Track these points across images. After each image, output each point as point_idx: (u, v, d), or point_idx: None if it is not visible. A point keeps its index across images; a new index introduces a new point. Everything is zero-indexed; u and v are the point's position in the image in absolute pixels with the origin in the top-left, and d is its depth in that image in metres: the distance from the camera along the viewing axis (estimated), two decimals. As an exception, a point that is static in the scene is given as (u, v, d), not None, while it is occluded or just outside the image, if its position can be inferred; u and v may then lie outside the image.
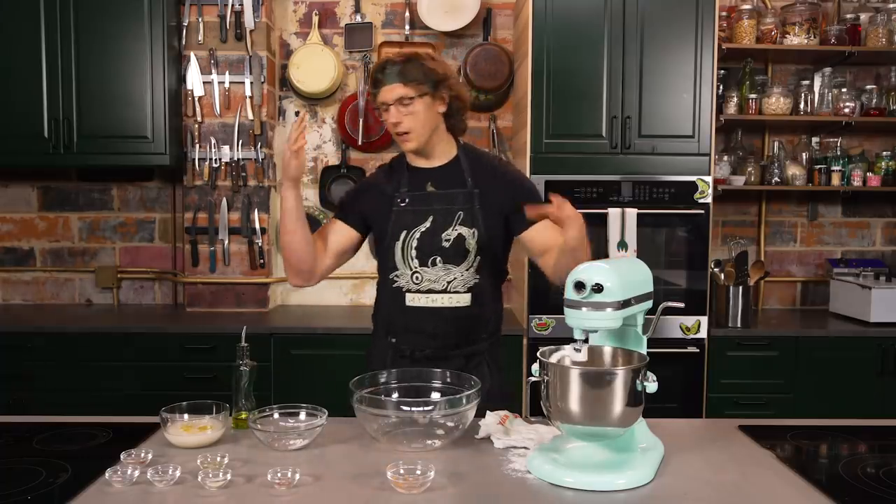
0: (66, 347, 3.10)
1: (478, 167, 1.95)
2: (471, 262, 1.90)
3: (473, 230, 1.89)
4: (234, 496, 1.31)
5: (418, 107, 1.85)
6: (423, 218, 1.90)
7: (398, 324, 1.95)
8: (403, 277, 1.91)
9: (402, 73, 1.83)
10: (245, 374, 1.67)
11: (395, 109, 1.84)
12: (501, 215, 1.92)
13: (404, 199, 1.93)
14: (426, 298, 1.90)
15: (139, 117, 3.28)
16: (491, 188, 1.92)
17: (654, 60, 3.11)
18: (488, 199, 1.91)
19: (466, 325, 1.93)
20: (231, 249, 3.50)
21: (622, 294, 1.37)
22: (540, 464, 1.40)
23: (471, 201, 1.90)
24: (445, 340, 1.91)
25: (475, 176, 1.93)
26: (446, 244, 1.88)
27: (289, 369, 3.10)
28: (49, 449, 1.54)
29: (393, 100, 1.84)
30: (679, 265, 3.20)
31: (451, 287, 1.89)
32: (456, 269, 1.89)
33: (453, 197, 1.91)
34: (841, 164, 3.51)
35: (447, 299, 1.90)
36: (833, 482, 1.39)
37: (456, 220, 1.89)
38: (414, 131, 1.87)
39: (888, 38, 3.38)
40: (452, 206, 1.90)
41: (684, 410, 3.12)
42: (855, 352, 3.18)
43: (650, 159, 3.15)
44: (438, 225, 1.89)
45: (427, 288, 1.90)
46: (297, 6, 3.68)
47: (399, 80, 1.83)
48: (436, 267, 1.89)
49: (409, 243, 1.90)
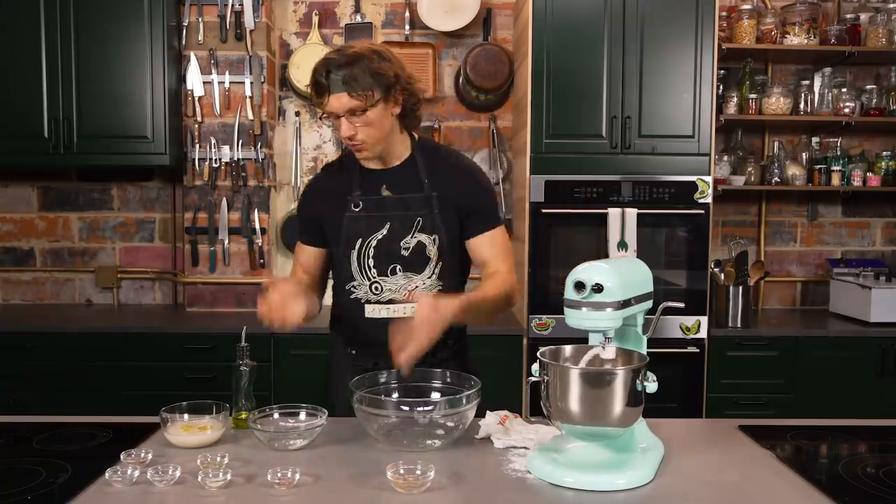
0: (66, 347, 3.10)
1: (434, 165, 1.82)
2: (432, 269, 1.79)
3: (434, 237, 1.78)
4: (234, 496, 1.31)
5: (371, 116, 1.67)
6: (379, 225, 1.78)
7: (358, 336, 1.85)
8: (361, 288, 1.80)
9: (347, 81, 1.63)
10: (245, 374, 1.66)
11: (346, 122, 1.68)
12: (459, 215, 1.81)
13: (357, 203, 1.79)
14: (387, 309, 1.78)
15: (139, 117, 3.28)
16: (448, 188, 1.80)
17: (654, 60, 3.11)
18: (446, 200, 1.79)
19: None
20: (231, 249, 3.50)
21: (622, 294, 1.37)
22: (540, 464, 1.40)
23: (429, 205, 1.78)
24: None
25: (432, 176, 1.80)
26: (405, 252, 1.77)
27: (289, 369, 3.10)
28: (49, 449, 1.54)
29: (342, 112, 1.67)
30: (679, 265, 3.20)
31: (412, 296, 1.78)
32: (417, 278, 1.79)
33: (410, 202, 1.78)
34: (841, 164, 3.51)
35: (409, 308, 1.75)
36: (833, 482, 1.39)
37: (415, 227, 1.78)
38: (368, 141, 1.71)
39: (888, 38, 3.38)
40: (410, 212, 1.78)
41: (684, 410, 3.12)
42: (855, 352, 3.18)
43: (650, 159, 3.15)
44: (396, 232, 1.78)
45: (388, 298, 1.79)
46: (297, 6, 3.68)
47: (345, 90, 1.64)
48: (396, 276, 1.78)
49: (365, 252, 1.78)
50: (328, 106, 1.68)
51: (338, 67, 1.65)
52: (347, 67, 1.64)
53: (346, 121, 1.68)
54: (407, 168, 1.83)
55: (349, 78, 1.64)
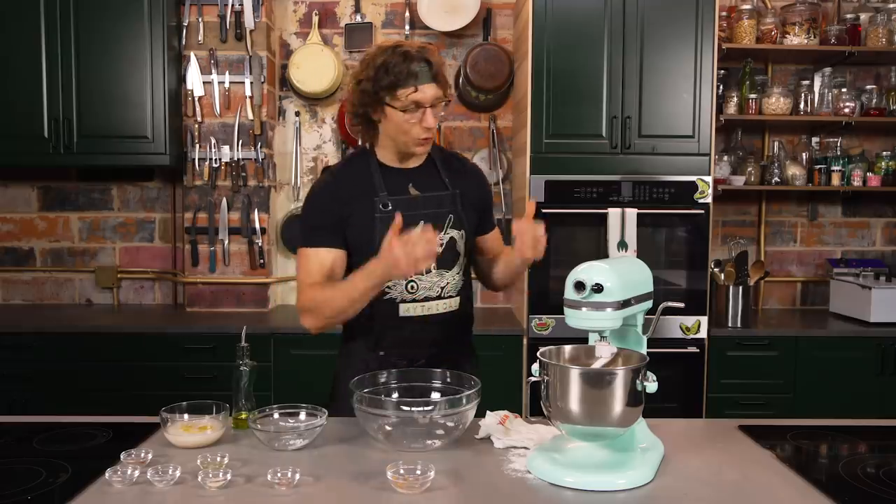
0: (66, 347, 3.10)
1: (449, 166, 1.90)
2: (461, 266, 1.86)
3: (462, 232, 1.85)
4: (234, 496, 1.31)
5: (442, 109, 1.76)
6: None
7: (390, 337, 1.84)
8: (396, 288, 1.80)
9: (436, 74, 1.71)
10: (245, 374, 1.67)
11: (432, 112, 1.72)
12: (477, 213, 1.91)
13: (386, 203, 1.78)
14: (422, 307, 1.82)
15: (139, 117, 3.28)
16: (466, 187, 1.89)
17: (654, 60, 3.11)
18: (466, 199, 1.88)
19: (458, 326, 1.90)
20: (231, 249, 3.50)
21: (622, 294, 1.37)
22: (540, 464, 1.40)
23: (455, 203, 1.84)
24: (439, 348, 1.85)
25: (450, 176, 1.88)
26: (439, 249, 1.75)
27: (289, 369, 3.10)
28: (49, 449, 1.54)
29: (430, 102, 1.71)
30: (679, 265, 3.20)
31: (444, 292, 1.84)
32: (448, 274, 1.84)
33: (441, 200, 1.83)
34: (841, 164, 3.51)
35: (442, 305, 1.84)
36: (833, 482, 1.39)
37: (447, 224, 1.82)
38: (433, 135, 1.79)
39: (888, 38, 3.38)
40: (441, 210, 1.82)
41: (684, 410, 3.12)
42: (855, 352, 3.18)
43: (650, 159, 3.15)
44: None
45: (423, 296, 1.82)
46: (297, 6, 3.68)
47: (434, 81, 1.71)
48: (430, 273, 1.81)
49: None
50: (416, 96, 1.69)
51: (422, 61, 1.70)
52: (434, 60, 1.72)
53: (431, 111, 1.72)
54: (428, 168, 1.88)
55: (438, 70, 1.72)
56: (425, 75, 1.70)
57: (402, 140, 1.77)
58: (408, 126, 1.73)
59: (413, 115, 1.72)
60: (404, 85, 1.69)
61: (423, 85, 1.69)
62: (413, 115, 1.72)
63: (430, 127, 1.73)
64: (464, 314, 1.91)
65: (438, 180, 1.86)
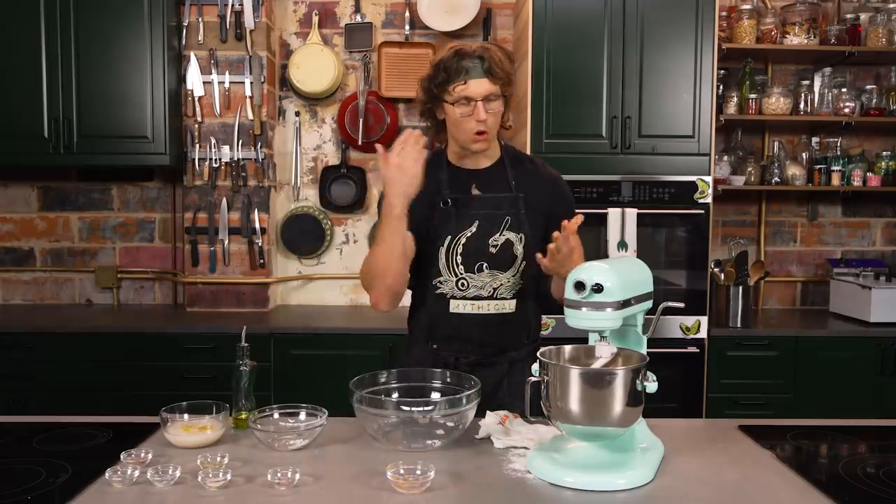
0: (66, 347, 3.10)
1: (520, 169, 1.89)
2: (517, 268, 1.84)
3: (520, 235, 1.84)
4: (234, 496, 1.31)
5: (499, 105, 1.77)
6: (468, 222, 1.82)
7: (441, 331, 1.87)
8: (448, 284, 1.83)
9: (489, 68, 1.73)
10: (245, 374, 1.67)
11: (483, 106, 1.74)
12: (544, 219, 1.86)
13: (447, 200, 1.83)
14: (472, 305, 1.83)
15: (139, 117, 3.28)
16: (533, 192, 1.86)
17: (654, 60, 3.11)
18: (531, 203, 1.86)
19: (511, 331, 1.88)
20: (231, 249, 3.50)
21: (622, 294, 1.37)
22: (540, 464, 1.40)
23: (516, 206, 1.84)
24: (491, 348, 1.86)
25: (518, 179, 1.86)
26: (493, 250, 1.81)
27: (289, 369, 3.10)
28: (49, 449, 1.54)
29: (481, 97, 1.74)
30: (679, 265, 3.20)
31: (497, 293, 1.83)
32: (502, 276, 1.83)
33: (500, 201, 1.84)
34: (841, 164, 3.51)
35: (493, 306, 1.84)
36: (833, 482, 1.39)
37: (504, 226, 1.83)
38: (491, 131, 1.79)
39: (888, 38, 3.38)
40: (499, 211, 1.83)
41: (684, 410, 3.12)
42: (855, 352, 3.18)
43: (650, 159, 3.15)
44: (485, 230, 1.82)
45: (473, 294, 1.83)
46: (297, 6, 3.68)
47: (486, 76, 1.73)
48: (482, 273, 1.82)
49: (454, 249, 1.82)
50: (466, 90, 1.74)
51: (475, 56, 1.74)
52: (489, 56, 1.74)
53: (482, 105, 1.74)
54: (496, 170, 1.88)
55: (491, 64, 1.74)
56: (476, 70, 1.73)
57: (459, 136, 1.81)
58: (461, 121, 1.77)
59: (465, 108, 1.75)
60: (455, 80, 1.74)
61: (473, 80, 1.73)
62: (465, 109, 1.75)
63: (482, 120, 1.75)
64: (521, 318, 1.88)
65: (504, 182, 1.87)
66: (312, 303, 3.73)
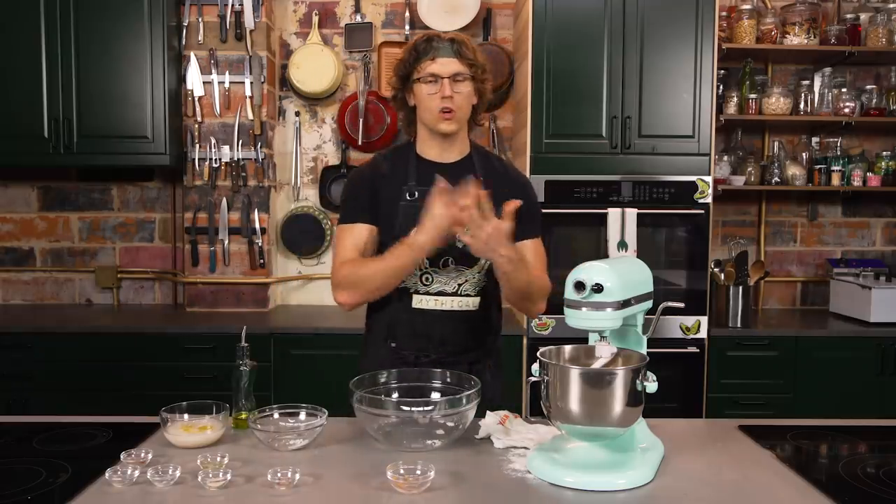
0: (66, 347, 3.10)
1: (488, 168, 1.88)
2: (483, 265, 1.82)
3: None
4: (234, 496, 1.31)
5: (466, 88, 1.79)
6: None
7: (401, 327, 1.85)
8: (411, 278, 1.80)
9: (458, 50, 1.77)
10: (245, 374, 1.67)
11: (449, 83, 1.76)
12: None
13: (413, 192, 1.80)
14: (435, 301, 1.81)
15: (139, 117, 3.28)
16: (501, 190, 1.82)
17: (654, 60, 3.11)
18: (499, 202, 1.80)
19: (474, 328, 1.86)
20: (231, 249, 3.50)
21: (622, 294, 1.37)
22: (540, 464, 1.40)
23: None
24: (453, 346, 1.84)
25: (486, 176, 1.84)
26: (460, 244, 1.76)
27: (289, 369, 3.10)
28: (49, 449, 1.54)
29: (448, 74, 1.76)
30: (679, 265, 3.20)
31: (461, 290, 1.82)
32: (468, 272, 1.82)
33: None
34: (841, 164, 3.51)
35: (457, 302, 1.82)
36: (833, 482, 1.39)
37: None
38: (458, 112, 1.79)
39: (888, 38, 3.38)
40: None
41: (684, 410, 3.12)
42: (855, 352, 3.18)
43: (650, 159, 3.15)
44: None
45: (437, 290, 1.81)
46: (297, 6, 3.68)
47: (455, 56, 1.77)
48: (447, 268, 1.80)
49: None
50: (433, 67, 1.77)
51: (445, 39, 1.79)
52: (455, 41, 1.79)
53: (448, 83, 1.76)
54: (464, 165, 1.87)
55: (460, 46, 1.79)
56: (445, 50, 1.78)
57: (426, 117, 1.82)
58: (429, 99, 1.78)
59: (432, 86, 1.77)
60: (424, 57, 1.78)
61: (441, 58, 1.77)
62: (432, 87, 1.77)
63: (448, 96, 1.76)
64: (484, 317, 1.87)
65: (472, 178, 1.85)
66: (312, 303, 3.73)
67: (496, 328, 1.95)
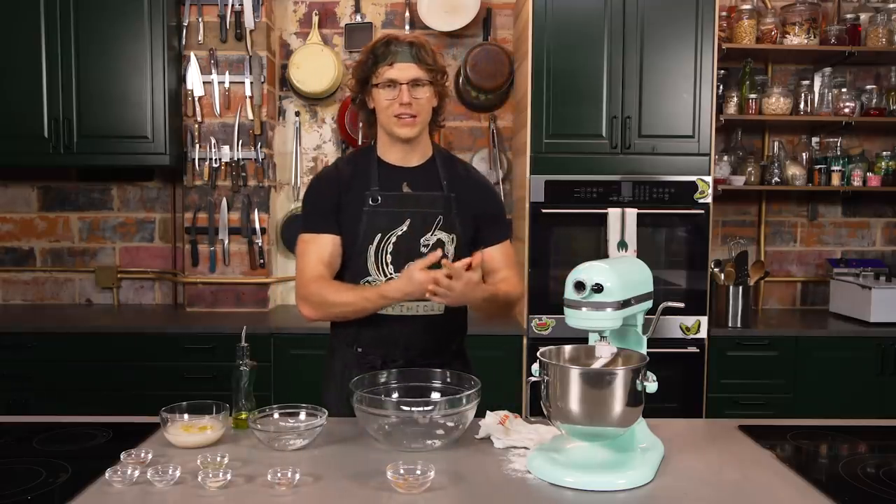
0: (66, 347, 3.10)
1: (451, 171, 1.88)
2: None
3: (452, 236, 1.82)
4: (234, 496, 1.31)
5: (426, 93, 1.78)
6: (398, 221, 1.79)
7: (366, 333, 1.83)
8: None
9: (416, 54, 1.75)
10: (245, 374, 1.67)
11: (408, 89, 1.74)
12: (473, 223, 1.86)
13: (376, 198, 1.79)
14: (400, 307, 1.79)
15: (139, 117, 3.28)
16: (465, 194, 1.85)
17: (654, 60, 3.11)
18: (463, 206, 1.84)
19: (440, 333, 1.85)
20: (231, 249, 3.50)
21: (622, 294, 1.37)
22: (540, 464, 1.40)
23: (448, 206, 1.82)
24: (419, 350, 1.83)
25: (450, 180, 1.85)
26: (425, 250, 1.78)
27: (289, 369, 3.09)
28: (49, 449, 1.54)
29: (406, 80, 1.74)
30: (679, 265, 3.20)
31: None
32: None
33: (432, 200, 1.81)
34: (841, 164, 3.51)
35: (422, 307, 1.80)
36: (833, 482, 1.39)
37: (436, 225, 1.80)
38: (419, 116, 1.77)
39: (888, 38, 3.38)
40: (431, 210, 1.81)
41: (684, 410, 3.12)
42: (855, 352, 3.18)
43: (650, 159, 3.15)
44: (416, 229, 1.80)
45: None
46: (297, 6, 3.68)
47: (413, 61, 1.75)
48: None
49: (383, 248, 1.79)
50: (391, 73, 1.75)
51: (403, 42, 1.76)
52: (414, 45, 1.77)
53: (407, 89, 1.75)
54: (427, 168, 1.86)
55: (418, 50, 1.76)
56: (404, 55, 1.75)
57: (385, 122, 1.80)
58: (386, 104, 1.77)
59: (391, 92, 1.76)
60: (382, 62, 1.76)
61: (400, 63, 1.75)
62: (390, 93, 1.76)
63: (406, 103, 1.74)
64: (451, 321, 1.86)
65: (436, 181, 1.85)
66: (312, 303, 3.73)
67: (463, 329, 1.95)
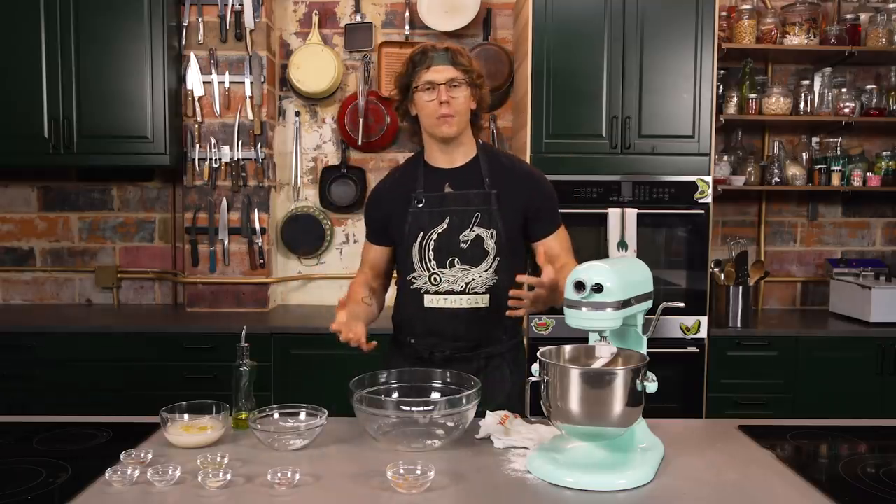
0: (66, 347, 3.10)
1: (496, 167, 1.94)
2: (489, 264, 1.88)
3: (492, 231, 1.88)
4: (234, 496, 1.31)
5: (463, 93, 1.86)
6: (439, 219, 1.89)
7: (417, 325, 1.94)
8: (421, 279, 1.91)
9: (452, 58, 1.85)
10: (245, 374, 1.67)
11: (446, 89, 1.84)
12: (521, 216, 1.92)
13: (420, 199, 1.91)
14: (444, 300, 1.89)
15: (139, 117, 3.28)
16: (509, 189, 1.91)
17: (654, 60, 3.11)
18: (507, 200, 1.90)
19: (485, 326, 1.92)
20: (231, 249, 3.50)
21: (622, 294, 1.37)
22: (540, 464, 1.40)
23: (488, 202, 1.88)
24: (465, 342, 1.91)
25: (493, 176, 1.91)
26: (464, 245, 1.87)
27: (289, 369, 3.10)
28: (49, 449, 1.54)
29: (443, 80, 1.84)
30: (679, 265, 3.20)
31: (469, 288, 1.88)
32: (474, 271, 1.88)
33: (470, 197, 1.89)
34: (841, 164, 3.51)
35: (466, 300, 1.89)
36: (833, 482, 1.39)
37: (473, 222, 1.88)
38: (458, 115, 1.86)
39: (888, 38, 3.38)
40: (469, 207, 1.89)
41: (684, 410, 3.12)
42: (855, 352, 3.18)
43: (650, 159, 3.15)
44: (455, 226, 1.88)
45: (446, 289, 1.89)
46: (297, 6, 3.68)
47: (450, 64, 1.85)
48: (454, 268, 1.88)
49: (426, 245, 1.89)
50: (428, 75, 1.85)
51: (440, 49, 1.87)
52: (449, 50, 1.88)
53: (444, 88, 1.84)
54: (470, 168, 1.94)
55: (454, 54, 1.87)
56: (440, 59, 1.85)
57: (426, 123, 1.89)
58: (427, 106, 1.86)
59: (430, 94, 1.85)
60: (420, 67, 1.86)
61: (437, 66, 1.85)
62: (430, 94, 1.85)
63: (444, 101, 1.83)
64: (494, 315, 1.90)
65: (478, 179, 1.92)
66: (312, 303, 3.73)
67: (511, 328, 1.98)
